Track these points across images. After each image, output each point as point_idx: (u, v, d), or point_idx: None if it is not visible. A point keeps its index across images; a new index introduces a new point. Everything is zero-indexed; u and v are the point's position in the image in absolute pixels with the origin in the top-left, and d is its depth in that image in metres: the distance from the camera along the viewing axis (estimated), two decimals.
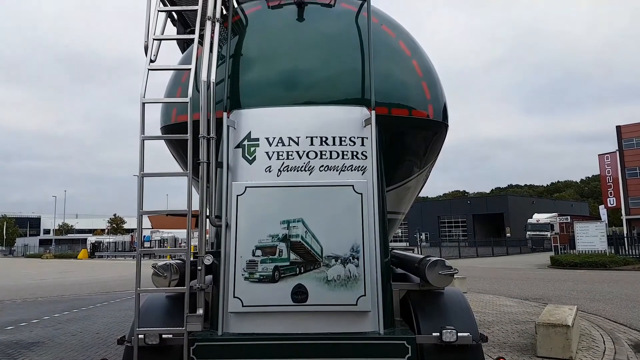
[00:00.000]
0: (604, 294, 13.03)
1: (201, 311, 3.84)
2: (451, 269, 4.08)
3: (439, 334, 3.69)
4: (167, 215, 4.55)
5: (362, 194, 4.02)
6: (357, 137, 4.30)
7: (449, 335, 3.67)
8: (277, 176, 4.21)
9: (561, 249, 29.34)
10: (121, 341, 3.97)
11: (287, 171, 4.22)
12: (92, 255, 54.27)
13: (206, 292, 3.99)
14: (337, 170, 4.24)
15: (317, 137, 4.28)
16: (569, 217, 47.43)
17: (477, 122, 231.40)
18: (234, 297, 3.86)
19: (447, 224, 69.00)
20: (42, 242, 74.88)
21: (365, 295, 3.84)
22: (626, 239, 27.48)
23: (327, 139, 4.29)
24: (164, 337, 3.74)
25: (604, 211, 46.59)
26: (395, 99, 4.63)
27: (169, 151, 5.58)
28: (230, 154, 4.27)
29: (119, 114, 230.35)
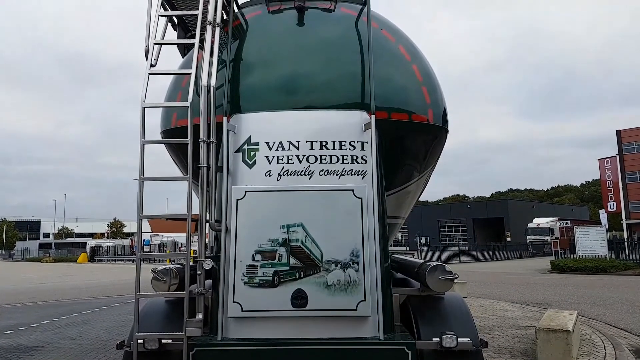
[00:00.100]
0: (605, 299, 13.00)
1: (201, 316, 3.83)
2: (451, 273, 4.06)
3: (439, 339, 3.68)
4: (167, 219, 4.55)
5: (362, 199, 4.01)
6: (357, 142, 4.30)
7: (449, 340, 3.67)
8: (277, 180, 4.21)
9: (561, 253, 29.25)
10: (120, 346, 3.96)
11: (287, 175, 4.22)
12: (91, 259, 54.15)
13: (206, 297, 3.98)
14: (337, 174, 4.23)
15: (317, 141, 4.28)
16: (569, 221, 47.49)
17: (477, 125, 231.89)
18: (234, 301, 3.85)
19: (447, 229, 69.00)
20: (41, 246, 74.80)
21: (365, 300, 3.83)
22: (626, 243, 27.44)
23: (327, 143, 4.29)
24: (163, 341, 3.73)
25: (604, 216, 46.51)
26: (395, 104, 4.63)
27: (169, 155, 5.58)
28: (230, 158, 4.27)
29: (119, 116, 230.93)
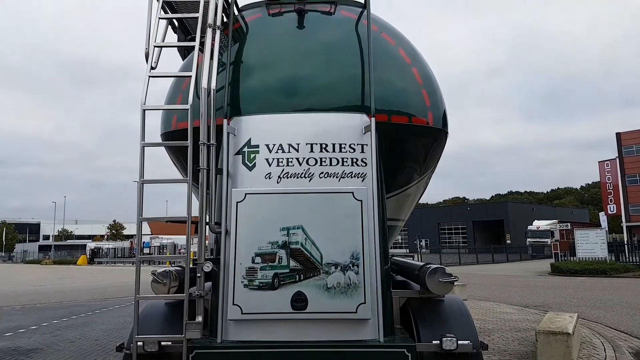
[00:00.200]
0: (605, 301, 12.99)
1: (200, 318, 3.82)
2: (451, 276, 4.06)
3: (439, 342, 3.67)
4: (167, 222, 4.54)
5: (362, 201, 4.01)
6: (357, 144, 4.30)
7: (449, 343, 3.66)
8: (277, 183, 4.21)
9: (561, 256, 29.27)
10: (120, 348, 3.95)
11: (287, 178, 4.22)
12: (91, 261, 54.16)
13: (205, 299, 3.97)
14: (337, 177, 4.23)
15: (317, 144, 4.28)
16: (569, 224, 47.42)
17: (476, 128, 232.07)
18: (233, 304, 3.84)
19: (447, 231, 68.95)
20: (41, 248, 74.85)
21: (365, 302, 3.83)
22: (626, 246, 27.45)
23: (327, 145, 4.29)
24: (163, 344, 3.72)
25: (604, 218, 46.56)
26: (395, 106, 4.64)
27: (169, 157, 5.58)
28: (230, 160, 4.27)
29: (119, 118, 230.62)
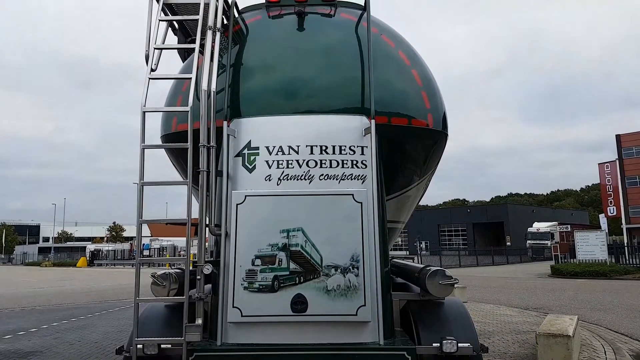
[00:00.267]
0: (605, 303, 12.97)
1: (200, 321, 3.82)
2: (451, 278, 4.06)
3: (439, 345, 3.67)
4: (167, 224, 4.54)
5: (361, 203, 4.01)
6: (357, 146, 4.30)
7: (449, 345, 3.65)
8: (277, 185, 4.21)
9: (561, 258, 29.25)
10: (120, 351, 3.95)
11: (287, 180, 4.22)
12: (91, 263, 54.12)
13: (205, 302, 3.97)
14: (337, 179, 4.23)
15: (317, 146, 4.28)
16: (569, 225, 47.40)
17: (476, 129, 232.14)
18: (233, 306, 3.84)
19: (447, 233, 68.89)
20: (41, 250, 74.69)
21: (365, 305, 3.82)
22: (626, 248, 27.50)
23: (327, 147, 4.29)
24: (162, 347, 3.72)
25: (604, 220, 46.41)
26: (395, 108, 4.64)
27: (169, 159, 5.58)
28: (230, 162, 4.27)
29: (119, 119, 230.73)
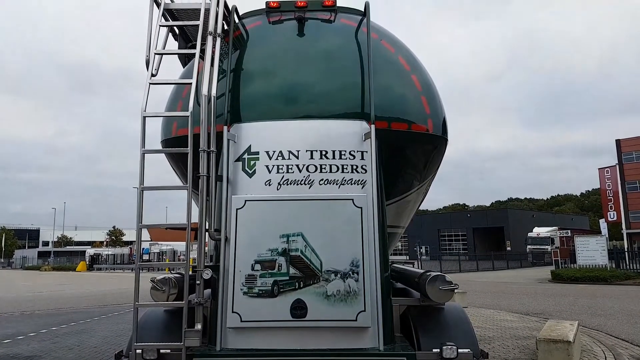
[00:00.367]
0: (605, 309, 12.94)
1: (199, 326, 3.81)
2: (451, 284, 4.05)
3: (439, 350, 3.66)
4: (167, 228, 4.55)
5: (361, 208, 4.01)
6: (357, 151, 4.31)
7: (449, 351, 3.64)
8: (277, 190, 4.21)
9: (562, 263, 29.18)
10: (119, 356, 3.94)
11: (287, 185, 4.22)
12: (90, 267, 53.95)
13: (205, 307, 3.96)
14: (337, 184, 4.23)
15: (317, 150, 4.29)
16: (570, 230, 47.35)
17: (476, 134, 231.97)
18: (233, 312, 3.83)
19: (447, 238, 68.83)
20: (40, 254, 74.60)
21: (365, 310, 3.82)
22: (627, 253, 27.42)
23: (327, 152, 4.29)
24: (162, 352, 3.71)
25: (605, 225, 46.51)
26: (394, 113, 4.65)
27: (169, 164, 5.59)
28: (230, 167, 4.27)
29: (119, 123, 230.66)
